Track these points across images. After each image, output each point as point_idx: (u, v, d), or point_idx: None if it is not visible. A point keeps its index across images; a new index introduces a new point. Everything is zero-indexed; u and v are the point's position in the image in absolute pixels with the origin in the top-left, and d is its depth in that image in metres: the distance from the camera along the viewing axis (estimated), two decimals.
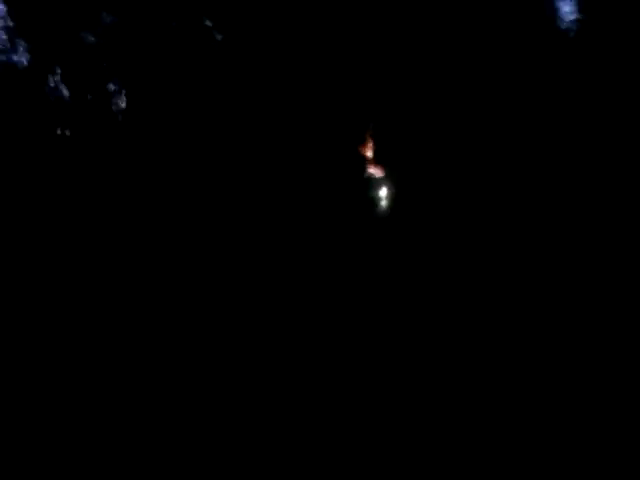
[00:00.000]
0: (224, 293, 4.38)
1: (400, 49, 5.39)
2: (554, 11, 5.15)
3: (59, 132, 5.11)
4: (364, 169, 5.27)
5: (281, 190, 5.21)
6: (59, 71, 5.08)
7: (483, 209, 4.92)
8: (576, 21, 5.10)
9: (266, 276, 4.58)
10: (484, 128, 5.33)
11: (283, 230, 5.04)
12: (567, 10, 5.12)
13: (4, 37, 5.06)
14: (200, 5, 5.34)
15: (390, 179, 5.33)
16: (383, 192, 5.34)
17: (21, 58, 5.16)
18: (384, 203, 5.34)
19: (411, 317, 4.28)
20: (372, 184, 5.32)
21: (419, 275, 4.64)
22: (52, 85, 5.12)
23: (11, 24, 5.10)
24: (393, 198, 5.33)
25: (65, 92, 5.13)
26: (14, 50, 5.16)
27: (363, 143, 5.27)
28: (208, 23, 5.43)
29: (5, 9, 5.04)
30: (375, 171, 5.28)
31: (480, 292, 4.30)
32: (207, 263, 4.56)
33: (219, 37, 5.39)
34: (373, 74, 5.26)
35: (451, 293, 4.42)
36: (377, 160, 5.31)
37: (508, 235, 4.61)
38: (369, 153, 5.25)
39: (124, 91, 5.20)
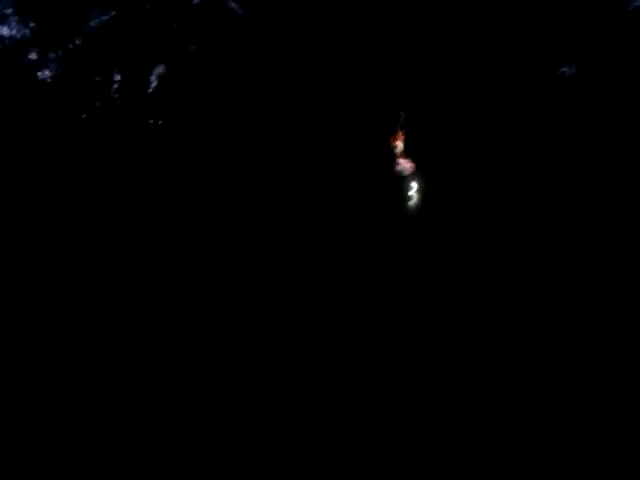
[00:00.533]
0: (227, 292, 4.31)
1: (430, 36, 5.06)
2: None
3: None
4: (394, 162, 4.86)
5: (303, 186, 4.88)
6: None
7: (518, 208, 4.60)
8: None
9: (281, 275, 4.44)
10: (521, 119, 4.96)
11: (303, 227, 4.74)
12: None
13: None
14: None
15: (422, 173, 4.92)
16: (414, 187, 4.93)
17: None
18: (415, 199, 4.93)
19: (437, 318, 4.16)
20: (403, 179, 4.91)
21: (447, 276, 4.43)
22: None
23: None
24: (425, 194, 4.92)
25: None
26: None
27: (393, 134, 4.87)
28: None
29: None
30: (406, 165, 4.87)
31: (509, 291, 4.18)
32: (213, 261, 4.47)
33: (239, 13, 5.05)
34: (403, 61, 4.93)
35: (481, 292, 4.27)
36: (408, 153, 4.90)
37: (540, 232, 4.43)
38: (400, 145, 4.84)
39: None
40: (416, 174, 4.90)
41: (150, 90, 5.01)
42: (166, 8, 5.05)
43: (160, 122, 5.00)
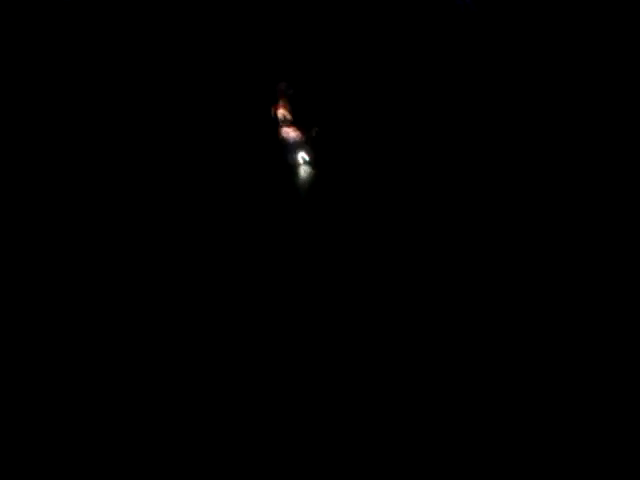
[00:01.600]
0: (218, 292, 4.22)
1: None
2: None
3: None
4: (277, 131, 4.58)
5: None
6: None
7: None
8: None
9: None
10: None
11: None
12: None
13: None
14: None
15: (310, 142, 4.66)
16: (302, 157, 4.65)
17: None
18: (304, 170, 4.64)
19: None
20: (288, 148, 4.63)
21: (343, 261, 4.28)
22: None
23: None
24: (314, 164, 4.65)
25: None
26: None
27: (274, 103, 4.60)
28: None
29: None
30: (292, 133, 4.60)
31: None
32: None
33: None
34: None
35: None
36: (295, 122, 4.63)
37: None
38: (284, 114, 4.58)
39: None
40: (304, 143, 4.63)
41: None
42: None
43: None
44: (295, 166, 4.62)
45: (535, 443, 3.22)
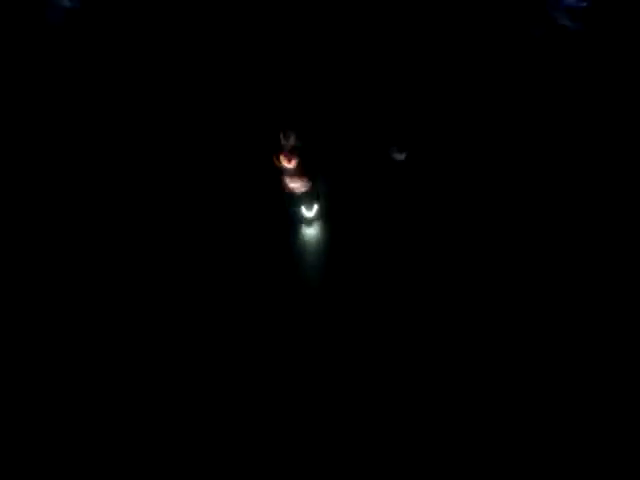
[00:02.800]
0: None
1: None
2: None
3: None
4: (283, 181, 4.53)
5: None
6: None
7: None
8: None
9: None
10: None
11: None
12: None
13: None
14: None
15: (315, 195, 4.65)
16: (305, 211, 4.68)
17: None
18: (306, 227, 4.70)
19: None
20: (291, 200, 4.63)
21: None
22: None
23: None
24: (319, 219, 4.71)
25: None
26: None
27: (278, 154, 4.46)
28: None
29: None
30: (294, 184, 4.55)
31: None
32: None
33: None
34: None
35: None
36: (303, 172, 4.55)
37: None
38: (286, 163, 4.46)
39: None
40: (311, 193, 4.61)
41: None
42: None
43: None
44: (298, 221, 4.66)
45: (535, 442, 3.30)
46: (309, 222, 4.67)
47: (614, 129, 4.49)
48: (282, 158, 4.33)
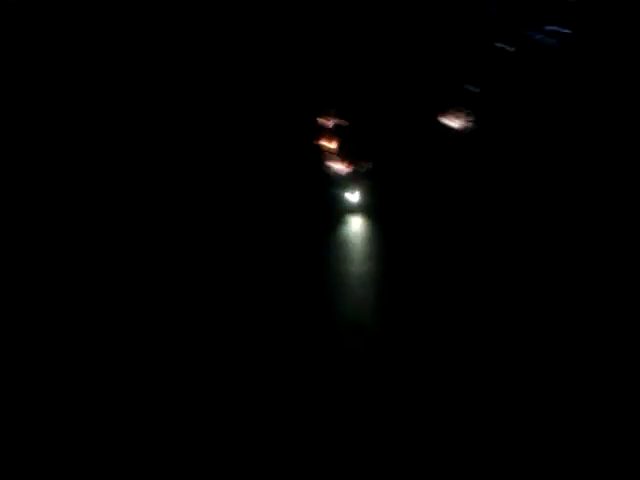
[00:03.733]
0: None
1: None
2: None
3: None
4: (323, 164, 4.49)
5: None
6: None
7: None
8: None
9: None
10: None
11: None
12: None
13: None
14: None
15: (358, 178, 4.56)
16: (347, 194, 4.55)
17: None
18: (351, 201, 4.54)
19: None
20: (332, 182, 4.54)
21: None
22: None
23: None
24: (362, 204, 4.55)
25: None
26: None
27: (322, 135, 4.51)
28: None
29: None
30: (336, 167, 4.50)
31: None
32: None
33: None
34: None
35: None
36: (342, 155, 4.53)
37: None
38: (328, 145, 4.47)
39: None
40: (351, 178, 4.53)
41: None
42: None
43: None
44: (340, 208, 4.52)
45: (535, 442, 3.18)
46: (353, 209, 4.51)
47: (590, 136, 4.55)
48: (324, 138, 4.38)
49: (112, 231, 4.52)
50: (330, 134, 4.51)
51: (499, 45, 4.79)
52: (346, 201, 4.53)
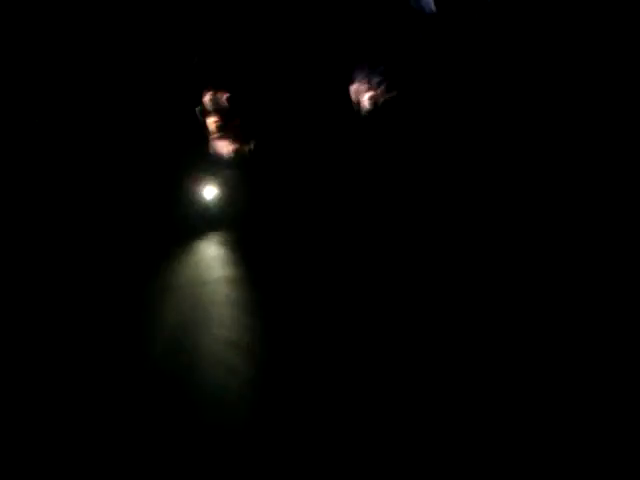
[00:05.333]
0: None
1: None
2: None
3: None
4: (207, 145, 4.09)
5: None
6: None
7: None
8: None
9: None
10: None
11: None
12: None
13: None
14: None
15: (244, 158, 4.16)
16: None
17: None
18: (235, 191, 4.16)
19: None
20: (218, 164, 4.14)
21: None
22: None
23: None
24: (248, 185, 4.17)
25: None
26: None
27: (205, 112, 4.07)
28: None
29: None
30: (223, 148, 4.10)
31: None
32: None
33: None
34: None
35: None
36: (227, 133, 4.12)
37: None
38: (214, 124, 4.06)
39: None
40: (237, 159, 4.13)
41: None
42: None
43: None
44: (227, 186, 4.14)
45: (535, 443, 3.05)
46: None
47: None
48: (210, 117, 3.98)
49: None
50: (216, 111, 4.09)
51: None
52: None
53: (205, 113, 4.08)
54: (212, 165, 4.16)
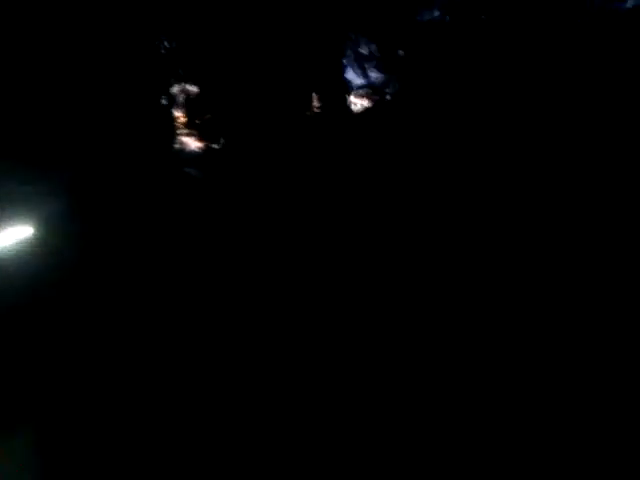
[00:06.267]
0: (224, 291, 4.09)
1: None
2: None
3: None
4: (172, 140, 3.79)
5: None
6: None
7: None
8: None
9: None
10: None
11: None
12: None
13: None
14: None
15: (212, 155, 3.87)
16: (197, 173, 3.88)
17: None
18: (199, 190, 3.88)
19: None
20: (184, 161, 3.85)
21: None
22: None
23: None
24: (215, 183, 3.89)
25: None
26: None
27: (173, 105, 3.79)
28: None
29: None
30: (190, 144, 3.81)
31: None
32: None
33: None
34: None
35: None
36: (194, 129, 3.83)
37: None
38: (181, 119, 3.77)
39: None
40: (205, 156, 3.85)
41: None
42: None
43: None
44: (191, 183, 3.86)
45: (535, 443, 3.17)
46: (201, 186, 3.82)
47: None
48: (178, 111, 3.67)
49: None
50: (184, 105, 3.80)
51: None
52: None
53: (173, 105, 3.78)
54: (176, 161, 3.88)
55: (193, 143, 3.83)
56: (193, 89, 3.83)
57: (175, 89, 3.86)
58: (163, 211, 4.03)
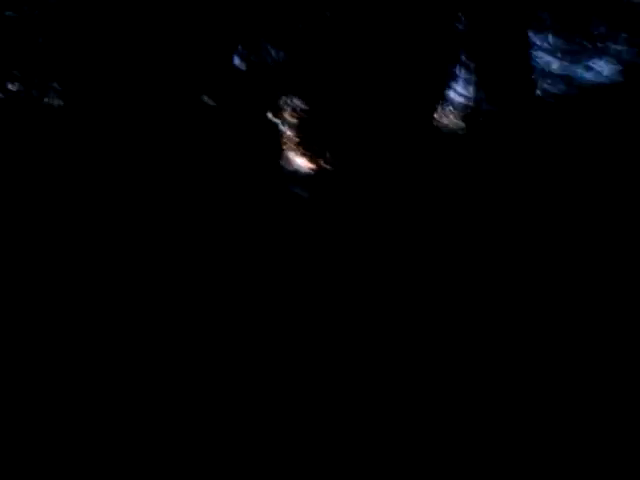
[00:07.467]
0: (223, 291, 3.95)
1: None
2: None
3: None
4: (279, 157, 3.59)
5: None
6: None
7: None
8: None
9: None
10: None
11: None
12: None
13: None
14: None
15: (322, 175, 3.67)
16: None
17: None
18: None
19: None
20: (292, 180, 3.67)
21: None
22: None
23: None
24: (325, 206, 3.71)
25: None
26: None
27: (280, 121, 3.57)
28: None
29: None
30: (298, 161, 3.61)
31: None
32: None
33: None
34: None
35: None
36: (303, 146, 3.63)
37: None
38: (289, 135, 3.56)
39: None
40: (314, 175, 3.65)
41: None
42: None
43: None
44: (297, 202, 3.68)
45: (535, 443, 3.11)
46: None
47: None
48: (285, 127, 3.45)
49: None
50: (292, 120, 3.59)
51: None
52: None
53: (281, 121, 3.55)
54: (281, 179, 3.69)
55: (301, 161, 3.63)
56: (302, 104, 3.59)
57: (282, 102, 3.64)
58: (266, 228, 3.94)
